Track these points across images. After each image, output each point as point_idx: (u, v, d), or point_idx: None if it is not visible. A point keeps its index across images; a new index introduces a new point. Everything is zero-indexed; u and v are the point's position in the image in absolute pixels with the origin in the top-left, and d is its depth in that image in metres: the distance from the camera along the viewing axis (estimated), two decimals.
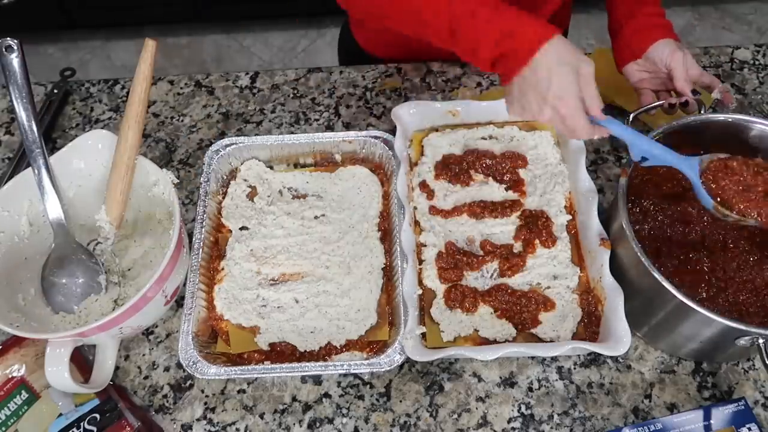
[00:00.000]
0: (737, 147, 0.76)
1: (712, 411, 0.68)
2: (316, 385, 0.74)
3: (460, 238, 0.80)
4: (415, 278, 0.74)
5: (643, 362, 0.74)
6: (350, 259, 0.79)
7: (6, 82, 0.70)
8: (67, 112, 1.01)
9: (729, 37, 2.37)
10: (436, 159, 0.86)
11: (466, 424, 0.71)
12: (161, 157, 0.95)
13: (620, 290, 0.69)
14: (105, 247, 0.77)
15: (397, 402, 0.72)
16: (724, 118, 0.75)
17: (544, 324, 0.73)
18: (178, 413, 0.72)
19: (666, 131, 0.73)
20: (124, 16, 2.35)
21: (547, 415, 0.71)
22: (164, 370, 0.75)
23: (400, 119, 0.86)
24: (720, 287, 0.73)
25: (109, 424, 0.67)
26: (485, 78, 1.01)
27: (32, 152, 0.72)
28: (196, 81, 1.04)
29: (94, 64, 2.40)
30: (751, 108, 0.97)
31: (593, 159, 0.91)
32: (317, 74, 1.03)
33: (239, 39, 2.42)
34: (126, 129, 0.73)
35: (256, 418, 0.72)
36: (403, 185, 0.80)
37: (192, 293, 0.74)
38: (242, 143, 0.87)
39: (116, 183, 0.73)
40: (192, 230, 0.80)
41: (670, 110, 0.81)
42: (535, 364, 0.74)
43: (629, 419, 0.70)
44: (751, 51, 1.04)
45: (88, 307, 0.74)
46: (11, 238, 0.74)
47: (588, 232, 0.76)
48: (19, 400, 0.70)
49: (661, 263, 0.75)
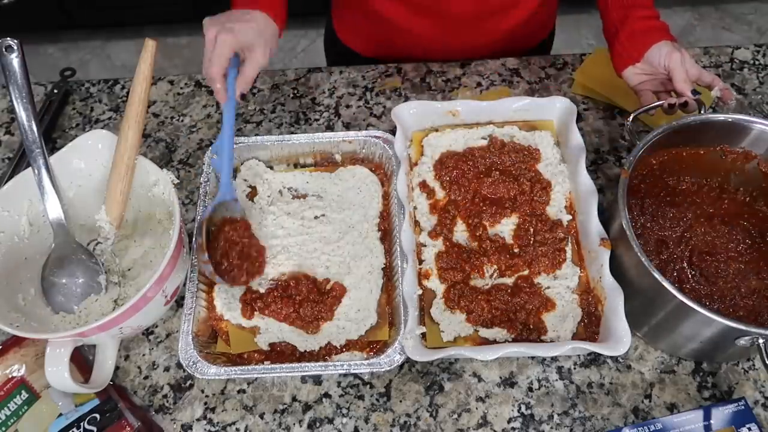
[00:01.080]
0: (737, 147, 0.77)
1: (712, 411, 0.68)
2: (316, 385, 0.74)
3: (460, 238, 0.80)
4: (415, 278, 0.74)
5: (643, 362, 0.74)
6: (350, 259, 0.79)
7: (6, 82, 0.70)
8: (67, 112, 1.01)
9: (729, 37, 2.37)
10: (435, 159, 0.86)
11: (466, 424, 0.71)
12: (161, 157, 0.95)
13: (620, 290, 0.69)
14: (105, 247, 0.77)
15: (397, 402, 0.72)
16: (724, 118, 0.75)
17: (545, 324, 0.73)
18: (178, 413, 0.72)
19: (666, 131, 0.73)
20: (124, 16, 2.35)
21: (547, 415, 0.71)
22: (164, 370, 0.75)
23: (400, 119, 0.86)
24: (720, 287, 0.73)
25: (109, 424, 0.67)
26: (485, 78, 1.01)
27: (32, 152, 0.72)
28: (196, 81, 1.04)
29: (94, 64, 2.40)
30: (751, 108, 0.97)
31: (593, 159, 0.92)
32: (317, 74, 1.03)
33: None
34: (126, 129, 0.73)
35: (256, 418, 0.72)
36: (403, 185, 0.80)
37: (192, 293, 0.74)
38: (242, 143, 0.87)
39: (116, 183, 0.73)
40: (192, 230, 0.80)
41: (670, 110, 0.81)
42: (535, 364, 0.74)
43: (629, 419, 0.70)
44: (751, 51, 1.04)
45: (88, 307, 0.74)
46: (11, 238, 0.74)
47: (588, 232, 0.76)
48: (19, 400, 0.70)
49: (661, 263, 0.75)
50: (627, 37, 0.81)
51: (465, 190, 0.82)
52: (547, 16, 1.08)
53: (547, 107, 0.87)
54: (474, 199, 0.82)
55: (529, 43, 1.10)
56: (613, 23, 0.84)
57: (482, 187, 0.82)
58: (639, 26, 0.81)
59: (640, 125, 0.94)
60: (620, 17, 0.83)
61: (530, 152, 0.85)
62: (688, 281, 0.74)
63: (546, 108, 0.87)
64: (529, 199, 0.81)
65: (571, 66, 1.03)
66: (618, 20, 0.83)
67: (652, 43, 0.79)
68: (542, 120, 0.89)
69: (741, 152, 0.77)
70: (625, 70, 0.82)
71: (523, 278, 0.76)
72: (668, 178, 0.80)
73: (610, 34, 0.85)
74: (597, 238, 0.74)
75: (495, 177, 0.82)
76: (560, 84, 1.01)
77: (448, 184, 0.83)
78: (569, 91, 0.99)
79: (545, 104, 0.87)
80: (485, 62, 1.03)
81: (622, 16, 0.82)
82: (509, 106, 0.88)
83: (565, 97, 0.87)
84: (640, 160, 0.73)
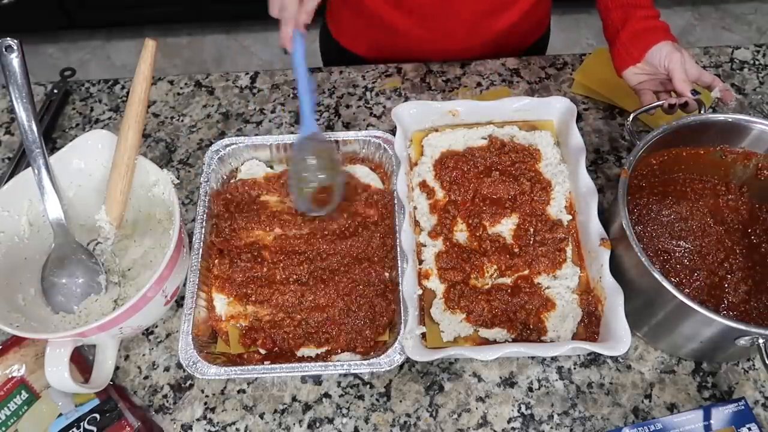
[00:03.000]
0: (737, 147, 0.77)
1: (712, 411, 0.68)
2: (316, 385, 0.74)
3: (460, 238, 0.80)
4: (415, 278, 0.74)
5: (643, 362, 0.74)
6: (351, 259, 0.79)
7: (6, 82, 0.70)
8: (67, 112, 1.01)
9: (729, 37, 2.37)
10: (435, 159, 0.86)
11: (466, 424, 0.71)
12: (161, 157, 0.95)
13: (620, 290, 0.69)
14: (105, 247, 0.77)
15: (397, 402, 0.72)
16: (723, 118, 0.75)
17: (545, 324, 0.73)
18: (178, 413, 0.72)
19: (666, 131, 0.73)
20: (124, 16, 2.35)
21: (547, 415, 0.71)
22: (164, 370, 0.75)
23: (400, 119, 0.86)
24: (720, 287, 0.73)
25: (109, 424, 0.67)
26: (485, 78, 1.01)
27: (32, 152, 0.72)
28: (196, 81, 1.04)
29: (94, 64, 2.40)
30: (751, 108, 0.97)
31: (593, 159, 0.92)
32: (317, 74, 1.03)
33: (239, 39, 2.42)
34: (126, 129, 0.73)
35: (256, 418, 0.72)
36: (403, 185, 0.80)
37: (192, 293, 0.74)
38: (242, 143, 0.87)
39: (116, 183, 0.73)
40: (192, 230, 0.80)
41: (670, 110, 0.81)
42: (535, 364, 0.74)
43: (629, 419, 0.70)
44: (751, 51, 1.04)
45: (88, 307, 0.74)
46: (11, 238, 0.74)
47: (588, 232, 0.76)
48: (19, 400, 0.70)
49: (661, 263, 0.75)
50: (628, 37, 0.81)
51: (465, 190, 0.82)
52: (542, 15, 1.08)
53: (547, 107, 0.87)
54: (474, 199, 0.82)
55: (524, 42, 1.10)
56: (613, 24, 0.84)
57: (482, 187, 0.82)
58: (640, 26, 0.81)
59: (640, 125, 0.94)
60: (620, 17, 0.83)
61: (530, 152, 0.85)
62: (688, 281, 0.74)
63: (546, 108, 0.87)
64: (529, 199, 0.81)
65: (571, 66, 1.03)
66: (618, 21, 0.83)
67: (652, 44, 0.79)
68: (542, 120, 0.89)
69: (741, 152, 0.77)
70: (626, 70, 0.82)
71: (523, 278, 0.76)
72: (668, 178, 0.80)
73: (611, 34, 0.85)
74: (597, 238, 0.73)
75: (495, 177, 0.82)
76: (560, 84, 1.01)
77: (448, 184, 0.83)
78: (569, 91, 1.00)
79: (545, 104, 0.87)
80: (485, 62, 1.03)
81: (622, 17, 0.82)
82: (509, 106, 0.88)
83: (565, 97, 0.86)
84: (640, 160, 0.73)
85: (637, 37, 0.80)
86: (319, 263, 0.78)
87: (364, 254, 0.78)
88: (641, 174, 0.78)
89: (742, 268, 0.74)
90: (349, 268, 0.77)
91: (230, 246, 0.79)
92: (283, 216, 0.82)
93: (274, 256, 0.78)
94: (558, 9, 1.10)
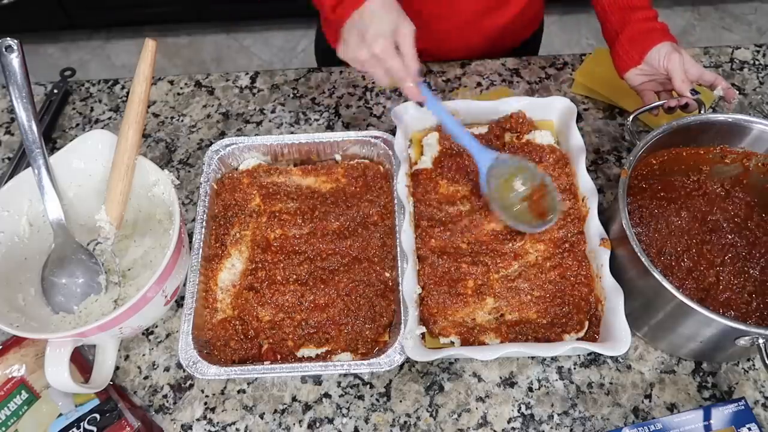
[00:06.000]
0: (737, 147, 0.77)
1: (712, 411, 0.68)
2: (316, 385, 0.74)
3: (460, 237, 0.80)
4: (415, 278, 0.74)
5: (643, 362, 0.74)
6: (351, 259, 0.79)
7: (6, 82, 0.70)
8: (67, 112, 1.01)
9: (729, 37, 2.37)
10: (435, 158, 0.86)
11: (466, 424, 0.71)
12: (161, 157, 0.95)
13: (620, 290, 0.69)
14: (105, 247, 0.77)
15: (397, 402, 0.72)
16: (724, 118, 0.75)
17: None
18: (178, 413, 0.72)
19: (666, 131, 0.74)
20: (124, 16, 2.35)
21: (547, 415, 0.71)
22: (164, 370, 0.75)
23: (400, 119, 0.86)
24: (720, 287, 0.73)
25: (109, 424, 0.67)
26: (485, 78, 1.01)
27: (32, 152, 0.72)
28: (196, 81, 1.04)
29: (94, 64, 2.40)
30: (751, 108, 0.97)
31: (593, 159, 0.92)
32: (317, 74, 1.03)
33: (239, 39, 2.42)
34: (126, 129, 0.73)
35: (256, 418, 0.72)
36: (403, 185, 0.80)
37: (192, 293, 0.74)
38: (242, 143, 0.87)
39: (116, 183, 0.73)
40: (192, 230, 0.80)
41: (670, 110, 0.81)
42: (535, 364, 0.74)
43: (629, 419, 0.70)
44: (751, 51, 1.04)
45: (88, 307, 0.74)
46: (11, 238, 0.74)
47: (588, 232, 0.76)
48: (19, 400, 0.70)
49: (661, 263, 0.75)
50: (627, 39, 0.81)
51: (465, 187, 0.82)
52: (533, 15, 1.08)
53: (547, 107, 0.87)
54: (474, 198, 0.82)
55: (521, 36, 1.09)
56: (612, 27, 0.84)
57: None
58: (639, 28, 0.81)
59: (640, 125, 0.94)
60: (619, 20, 0.83)
61: (530, 151, 0.85)
62: (688, 281, 0.74)
63: (546, 108, 0.87)
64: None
65: (571, 66, 1.03)
66: (617, 24, 0.83)
67: (652, 45, 0.79)
68: (542, 120, 0.89)
69: (741, 152, 0.77)
70: (628, 72, 0.83)
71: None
72: (668, 178, 0.79)
73: (610, 37, 0.85)
74: (597, 238, 0.73)
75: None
76: (560, 84, 1.01)
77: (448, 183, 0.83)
78: (569, 91, 1.00)
79: (545, 104, 0.87)
80: (485, 62, 1.03)
81: (620, 20, 0.82)
82: (509, 106, 0.88)
83: (565, 97, 0.86)
84: (640, 160, 0.73)
85: (636, 40, 0.81)
86: (319, 263, 0.78)
87: (364, 254, 0.78)
88: (641, 174, 0.78)
89: (742, 268, 0.74)
90: (349, 268, 0.77)
91: (230, 246, 0.79)
92: (283, 216, 0.82)
93: (274, 256, 0.78)
94: (558, 9, 1.10)
